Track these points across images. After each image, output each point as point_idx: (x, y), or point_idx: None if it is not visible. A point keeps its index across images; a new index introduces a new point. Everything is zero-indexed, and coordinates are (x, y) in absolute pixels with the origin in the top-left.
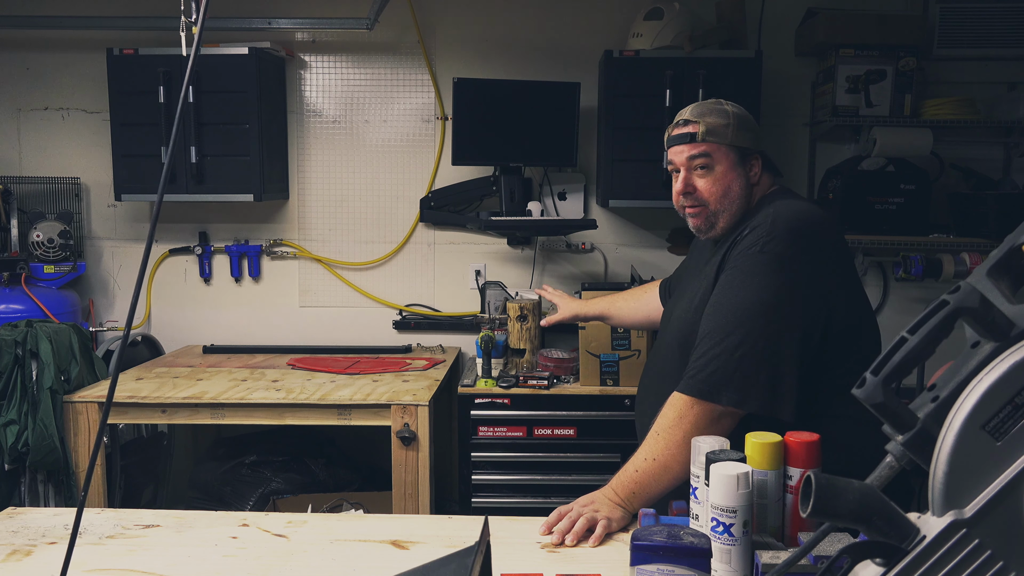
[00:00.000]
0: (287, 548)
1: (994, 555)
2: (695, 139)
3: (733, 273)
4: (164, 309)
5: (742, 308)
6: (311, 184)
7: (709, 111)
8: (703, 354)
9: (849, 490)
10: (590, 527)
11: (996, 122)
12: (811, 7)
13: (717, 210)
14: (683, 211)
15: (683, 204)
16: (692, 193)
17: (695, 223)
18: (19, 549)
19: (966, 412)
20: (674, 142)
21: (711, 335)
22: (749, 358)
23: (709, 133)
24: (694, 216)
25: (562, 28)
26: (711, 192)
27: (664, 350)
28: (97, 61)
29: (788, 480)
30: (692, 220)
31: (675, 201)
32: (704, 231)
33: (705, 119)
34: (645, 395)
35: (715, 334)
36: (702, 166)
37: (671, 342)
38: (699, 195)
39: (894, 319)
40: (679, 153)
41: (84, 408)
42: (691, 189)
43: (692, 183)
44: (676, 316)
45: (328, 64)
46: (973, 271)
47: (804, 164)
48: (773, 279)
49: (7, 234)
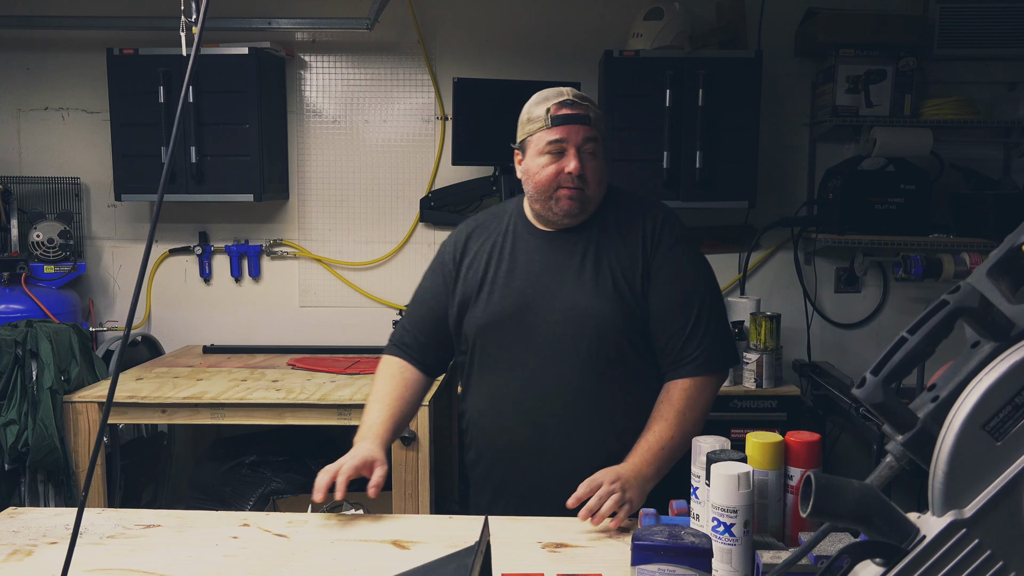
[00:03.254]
0: (288, 548)
1: (994, 555)
2: (590, 123)
3: (682, 263)
4: (164, 309)
5: (703, 290)
6: (311, 184)
7: (590, 100)
8: (693, 336)
9: (849, 490)
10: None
11: (996, 122)
12: (811, 7)
13: (592, 195)
14: (557, 191)
15: (565, 184)
16: (582, 175)
17: (571, 206)
18: (20, 549)
19: (966, 412)
20: (571, 120)
21: (694, 320)
22: (723, 325)
23: (598, 120)
24: (572, 199)
25: (562, 28)
26: (594, 177)
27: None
28: (97, 61)
29: (789, 480)
30: (568, 202)
31: (552, 180)
32: (575, 214)
33: (591, 107)
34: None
35: (695, 317)
36: (591, 151)
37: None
38: (585, 177)
39: (894, 319)
40: (576, 132)
41: (84, 408)
42: (581, 171)
43: (583, 164)
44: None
45: (328, 64)
46: (973, 271)
47: (804, 164)
48: (703, 257)
49: (7, 234)
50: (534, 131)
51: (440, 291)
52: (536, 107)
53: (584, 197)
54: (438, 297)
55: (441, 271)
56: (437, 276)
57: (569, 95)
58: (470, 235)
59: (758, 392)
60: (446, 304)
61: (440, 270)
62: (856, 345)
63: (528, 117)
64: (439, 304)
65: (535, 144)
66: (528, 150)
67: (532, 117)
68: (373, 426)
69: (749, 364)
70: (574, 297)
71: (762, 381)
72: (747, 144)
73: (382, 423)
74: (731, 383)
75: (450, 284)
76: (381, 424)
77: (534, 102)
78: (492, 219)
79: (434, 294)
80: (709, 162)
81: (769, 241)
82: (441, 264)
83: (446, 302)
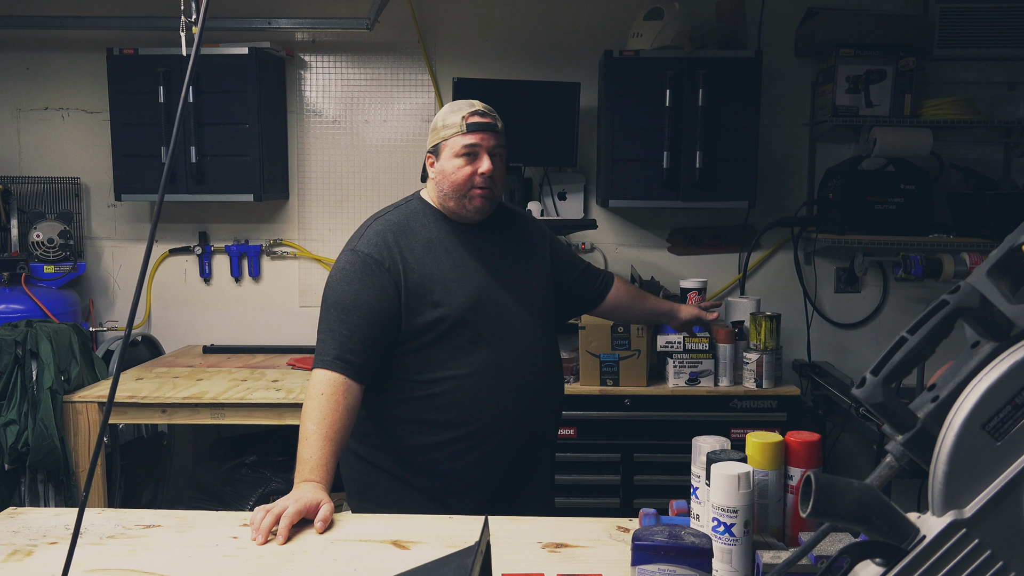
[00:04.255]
0: (288, 548)
1: (994, 555)
2: (499, 131)
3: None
4: (164, 309)
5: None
6: (311, 184)
7: (496, 114)
8: (595, 272)
9: (849, 490)
10: None
11: (996, 122)
12: (811, 7)
13: (497, 195)
14: (471, 191)
15: (479, 184)
16: (491, 176)
17: (482, 204)
18: (20, 549)
19: (966, 412)
20: (484, 128)
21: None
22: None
23: (503, 131)
24: (483, 197)
25: (562, 28)
26: (500, 180)
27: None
28: (97, 61)
29: (789, 480)
30: (480, 201)
31: (468, 180)
32: (485, 211)
33: (498, 119)
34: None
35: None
36: (499, 156)
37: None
38: (493, 179)
39: (894, 319)
40: (487, 138)
41: (84, 408)
42: (491, 173)
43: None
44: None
45: (328, 64)
46: (973, 271)
47: (804, 164)
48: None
49: (7, 234)
50: (449, 136)
51: (382, 294)
52: (450, 115)
53: (492, 196)
54: (381, 299)
55: (376, 275)
56: (373, 280)
57: (480, 106)
58: (395, 237)
59: (758, 392)
60: (392, 306)
61: (374, 274)
62: (856, 345)
63: (443, 124)
64: (384, 307)
65: (451, 147)
66: (443, 153)
67: (447, 123)
68: (316, 468)
69: (749, 364)
70: (526, 278)
71: (762, 381)
72: (747, 144)
73: (324, 464)
74: (731, 383)
75: (391, 286)
76: (323, 466)
77: (447, 111)
78: (406, 220)
79: (377, 297)
80: (709, 162)
81: (769, 241)
82: (373, 269)
83: (391, 304)
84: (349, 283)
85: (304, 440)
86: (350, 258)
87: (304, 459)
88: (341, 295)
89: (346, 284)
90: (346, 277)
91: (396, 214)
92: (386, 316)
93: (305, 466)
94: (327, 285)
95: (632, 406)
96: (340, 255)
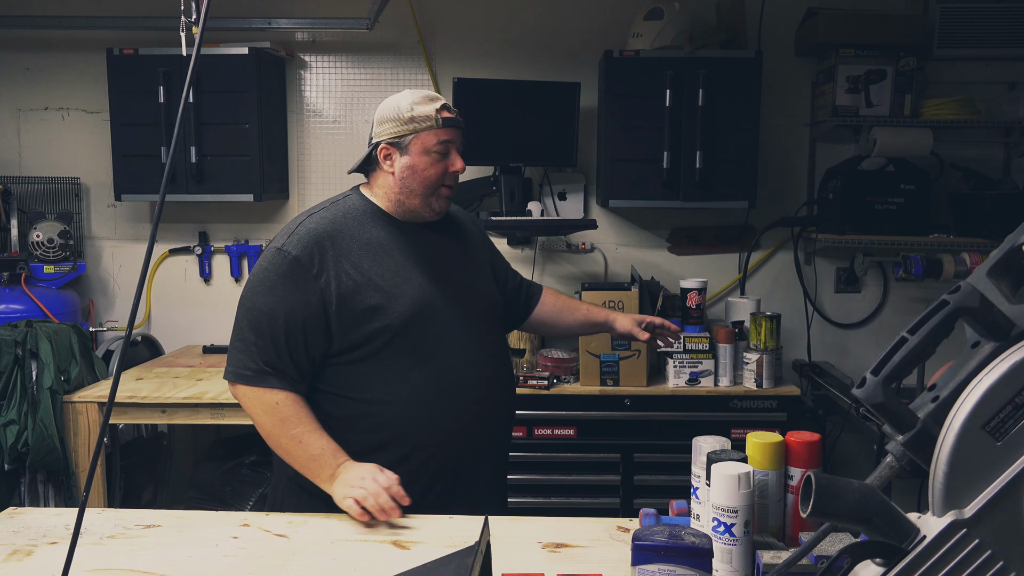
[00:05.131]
0: (288, 548)
1: (994, 555)
2: (463, 127)
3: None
4: (164, 309)
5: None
6: (311, 184)
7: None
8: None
9: (849, 490)
10: None
11: (996, 122)
12: (811, 7)
13: (454, 195)
14: (440, 190)
15: (448, 183)
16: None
17: (447, 204)
18: (20, 549)
19: (966, 412)
20: (456, 124)
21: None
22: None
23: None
24: (449, 197)
25: (562, 28)
26: (460, 178)
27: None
28: (97, 61)
29: (789, 480)
30: (446, 200)
31: (439, 178)
32: (443, 213)
33: (456, 113)
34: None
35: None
36: (462, 153)
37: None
38: (456, 177)
39: (894, 319)
40: (457, 136)
41: (84, 408)
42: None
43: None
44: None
45: (328, 64)
46: (973, 271)
47: (804, 164)
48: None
49: (7, 234)
50: (421, 130)
51: (308, 301)
52: (421, 107)
53: (453, 196)
54: (308, 307)
55: (300, 283)
56: (296, 288)
57: (443, 100)
58: (329, 238)
59: (758, 392)
60: (315, 319)
61: (298, 282)
62: (856, 345)
63: (411, 116)
64: (312, 314)
65: (423, 142)
66: (412, 148)
67: (418, 116)
68: (337, 452)
69: (749, 364)
70: (471, 281)
71: (762, 381)
72: (747, 144)
73: (339, 448)
74: (731, 383)
75: (316, 297)
76: (340, 450)
77: (414, 101)
78: (343, 219)
79: (303, 306)
80: (709, 162)
81: (769, 241)
82: (297, 275)
83: (313, 317)
84: (270, 288)
85: (298, 443)
86: (274, 259)
87: (315, 454)
88: (259, 301)
89: (266, 289)
90: (268, 280)
91: (332, 211)
92: (306, 328)
93: (326, 457)
94: (247, 285)
95: (632, 406)
96: (265, 251)
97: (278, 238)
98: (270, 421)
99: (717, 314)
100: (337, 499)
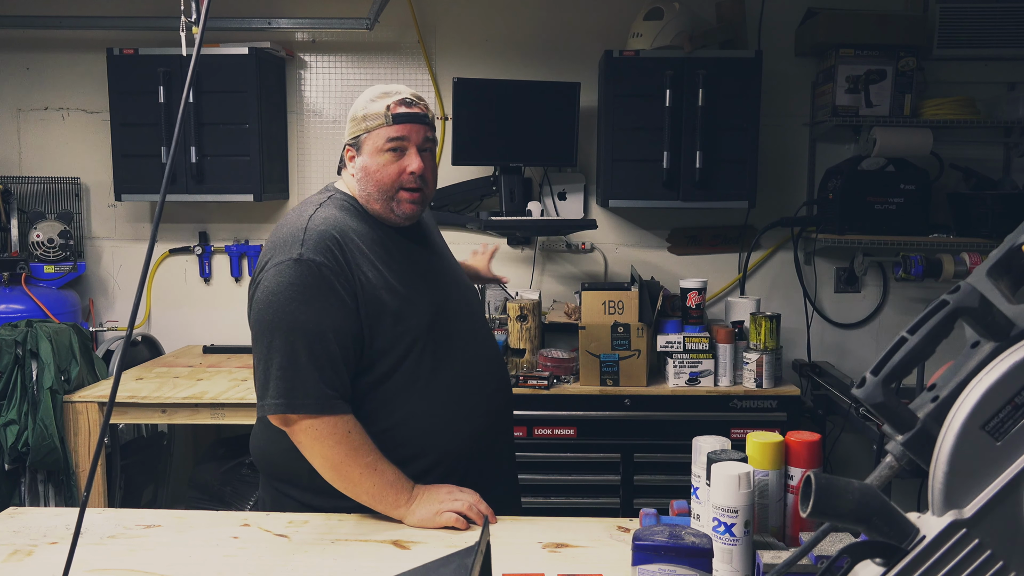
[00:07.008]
0: (288, 548)
1: (994, 555)
2: (430, 122)
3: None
4: (164, 309)
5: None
6: (311, 184)
7: (425, 101)
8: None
9: (849, 490)
10: None
11: (996, 122)
12: (811, 7)
13: (429, 195)
14: (399, 193)
15: (407, 184)
16: (423, 175)
17: (413, 209)
18: (20, 549)
19: (966, 412)
20: (412, 119)
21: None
22: None
23: (432, 121)
24: (413, 202)
25: (562, 28)
26: (432, 177)
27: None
28: (97, 61)
29: (789, 480)
30: (410, 205)
31: (395, 179)
32: (414, 217)
33: (427, 107)
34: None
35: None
36: (430, 151)
37: (479, 308)
38: (425, 177)
39: (894, 319)
40: (417, 131)
41: (84, 408)
42: (422, 171)
43: (423, 164)
44: (469, 289)
45: (328, 64)
46: (973, 271)
47: (804, 164)
48: None
49: (7, 234)
50: (372, 128)
51: (347, 309)
52: (373, 103)
53: (424, 198)
54: (350, 316)
55: (336, 290)
56: (334, 296)
57: (407, 94)
58: (341, 239)
59: (758, 392)
60: (357, 325)
61: (334, 288)
62: (856, 345)
63: (364, 114)
64: (355, 322)
65: (374, 141)
66: (364, 147)
67: (369, 114)
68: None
69: (749, 364)
70: (455, 278)
71: (762, 381)
72: (747, 144)
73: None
74: (731, 383)
75: (352, 298)
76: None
77: (369, 98)
78: (343, 217)
79: (345, 316)
80: (709, 162)
81: (769, 241)
82: (330, 282)
83: (357, 318)
84: (307, 303)
85: (373, 470)
86: (298, 269)
87: (391, 480)
88: (301, 319)
89: (302, 305)
90: (301, 295)
91: (329, 210)
92: (354, 340)
93: (402, 482)
94: (269, 305)
95: (632, 406)
96: (278, 266)
97: (285, 249)
98: (342, 451)
99: (717, 314)
100: (427, 517)
